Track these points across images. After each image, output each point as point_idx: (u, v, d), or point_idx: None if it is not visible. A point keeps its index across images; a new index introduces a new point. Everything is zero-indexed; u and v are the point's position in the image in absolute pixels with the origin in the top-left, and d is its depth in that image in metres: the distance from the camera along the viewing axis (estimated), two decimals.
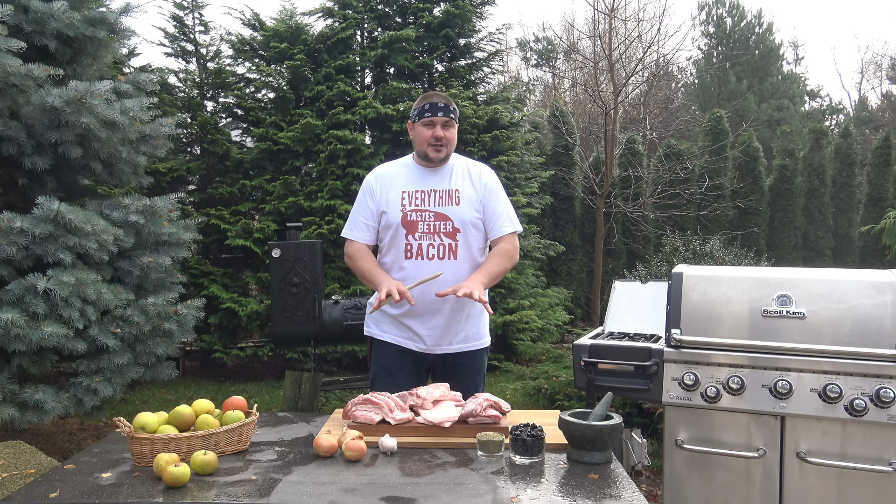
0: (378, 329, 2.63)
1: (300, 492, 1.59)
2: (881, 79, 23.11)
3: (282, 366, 6.84)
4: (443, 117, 2.50)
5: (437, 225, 2.51)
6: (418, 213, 2.52)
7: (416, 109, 2.55)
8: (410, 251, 2.51)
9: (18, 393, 3.60)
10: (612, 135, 9.46)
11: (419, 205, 2.53)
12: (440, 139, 2.50)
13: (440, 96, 2.56)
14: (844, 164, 11.96)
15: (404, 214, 2.52)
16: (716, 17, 20.54)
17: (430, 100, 2.54)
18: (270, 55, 7.33)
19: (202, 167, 7.20)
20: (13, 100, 3.69)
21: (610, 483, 1.66)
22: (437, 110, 2.50)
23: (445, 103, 2.53)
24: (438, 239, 2.51)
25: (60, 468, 1.77)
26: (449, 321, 2.53)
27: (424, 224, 2.51)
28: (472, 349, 2.61)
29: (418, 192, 2.54)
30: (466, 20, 7.52)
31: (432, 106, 2.51)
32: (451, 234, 2.52)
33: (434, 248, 2.50)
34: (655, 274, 5.91)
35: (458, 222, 2.52)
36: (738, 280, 2.56)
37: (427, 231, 2.51)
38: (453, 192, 2.55)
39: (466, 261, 2.54)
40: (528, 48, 20.58)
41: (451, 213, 2.52)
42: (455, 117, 2.55)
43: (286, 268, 3.99)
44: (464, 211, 2.53)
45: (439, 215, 2.52)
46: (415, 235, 2.51)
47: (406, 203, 2.53)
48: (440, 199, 2.54)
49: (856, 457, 2.33)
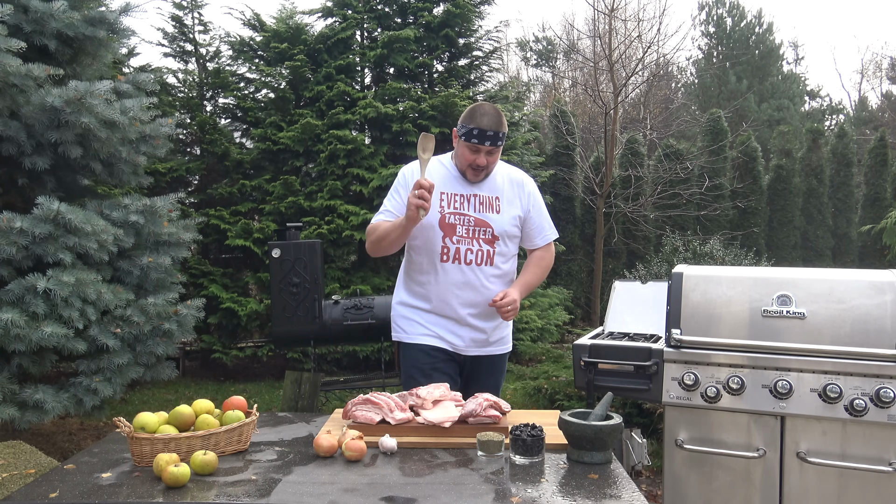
0: (406, 333, 2.56)
1: (300, 492, 1.59)
2: (881, 79, 23.13)
3: (282, 366, 6.84)
4: (490, 146, 2.39)
5: (476, 231, 2.47)
6: (457, 217, 2.46)
7: (464, 126, 2.40)
8: (447, 254, 2.46)
9: (18, 393, 3.60)
10: (612, 135, 9.46)
11: (458, 208, 2.47)
12: (481, 166, 2.43)
13: (491, 118, 2.37)
14: (842, 164, 11.97)
15: (443, 217, 2.46)
16: (716, 17, 20.55)
17: (480, 123, 2.36)
18: (270, 55, 7.33)
19: (202, 167, 7.20)
20: (13, 100, 3.69)
21: (610, 483, 1.66)
22: (485, 139, 2.37)
23: (495, 130, 2.37)
24: (477, 245, 2.47)
25: (60, 468, 1.76)
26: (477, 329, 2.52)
27: (463, 228, 2.46)
28: (500, 353, 2.62)
29: (458, 195, 2.48)
30: (466, 20, 7.52)
31: (481, 133, 2.36)
32: (490, 241, 2.48)
33: (472, 253, 2.46)
34: (655, 274, 5.92)
35: (498, 230, 2.48)
36: (738, 280, 2.56)
37: (466, 236, 2.46)
38: (493, 200, 2.50)
39: (500, 268, 2.52)
40: (527, 48, 20.58)
41: (492, 221, 2.48)
42: (503, 142, 2.44)
43: (286, 268, 3.99)
44: (504, 220, 2.49)
45: (480, 221, 2.47)
46: (452, 239, 2.45)
47: (445, 205, 2.46)
48: (481, 204, 2.49)
49: (856, 457, 2.33)
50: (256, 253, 6.70)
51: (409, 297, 2.58)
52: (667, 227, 10.02)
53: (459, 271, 2.46)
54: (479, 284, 2.48)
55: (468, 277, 2.47)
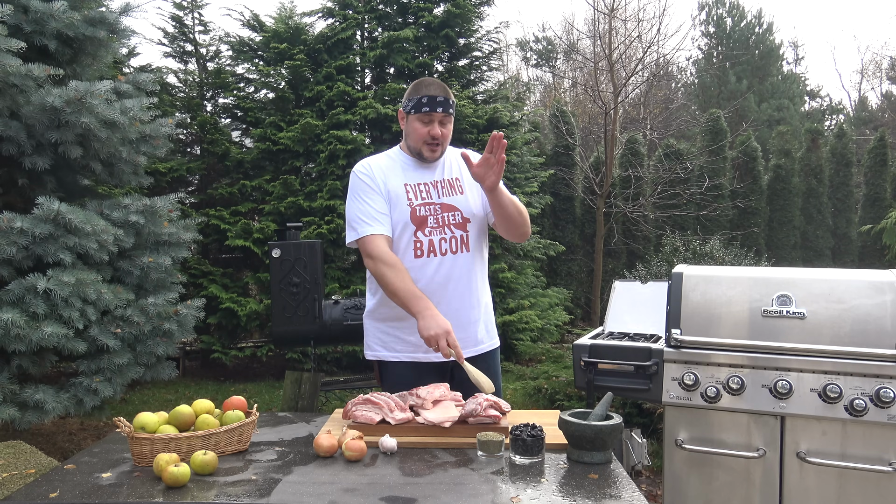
0: (385, 350, 2.37)
1: (300, 492, 1.59)
2: (881, 79, 23.13)
3: (281, 366, 6.84)
4: (442, 113, 2.25)
5: (445, 217, 2.29)
6: (427, 207, 2.29)
7: (411, 100, 2.26)
8: (421, 248, 2.27)
9: (19, 393, 3.60)
10: (612, 135, 9.46)
11: (426, 198, 2.30)
12: (437, 138, 2.26)
13: (438, 86, 2.26)
14: (841, 164, 11.98)
15: (413, 209, 2.27)
16: (716, 17, 20.56)
17: (427, 91, 2.24)
18: (270, 55, 7.33)
19: (202, 167, 7.20)
20: (13, 100, 3.69)
21: (610, 483, 1.66)
22: (436, 105, 2.23)
23: (445, 96, 2.25)
24: (449, 232, 2.28)
25: (60, 468, 1.76)
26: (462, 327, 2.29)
27: (433, 218, 2.28)
28: (482, 352, 2.39)
29: (422, 184, 2.31)
30: (466, 20, 7.53)
31: (431, 100, 2.23)
32: (461, 224, 2.31)
33: (446, 241, 2.28)
34: (655, 274, 5.92)
35: (467, 212, 2.32)
36: (738, 280, 2.56)
37: (437, 225, 2.28)
38: (454, 181, 2.35)
39: (476, 253, 2.34)
40: (528, 48, 20.59)
41: (458, 203, 2.32)
42: (454, 111, 2.31)
43: (286, 268, 3.99)
44: (469, 199, 2.34)
45: (447, 206, 2.30)
46: (424, 231, 2.27)
47: (413, 197, 2.29)
48: (443, 189, 2.32)
49: (856, 457, 2.33)
50: (256, 253, 6.70)
51: (381, 308, 2.36)
52: (667, 227, 10.03)
53: (434, 265, 2.27)
54: (457, 276, 2.29)
55: (445, 269, 2.28)
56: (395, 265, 2.18)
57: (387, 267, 2.18)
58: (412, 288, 2.14)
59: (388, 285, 2.17)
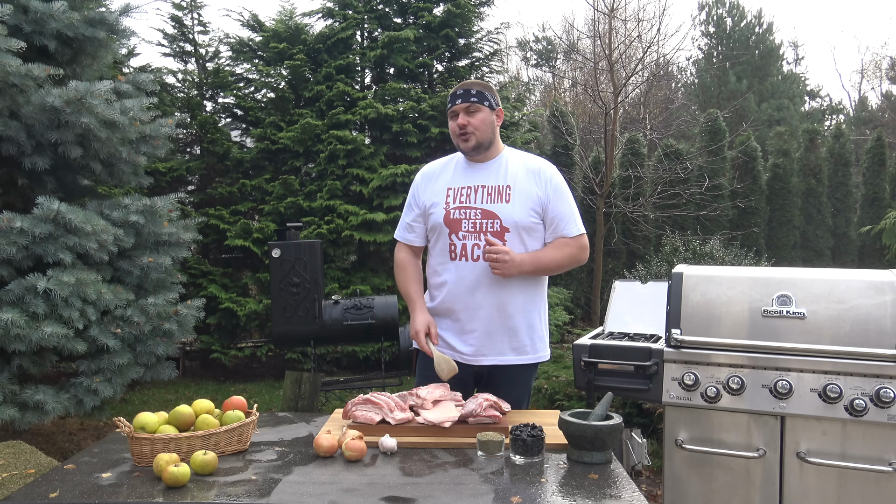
0: None
1: (300, 492, 1.59)
2: (881, 79, 23.14)
3: (281, 366, 6.84)
4: (462, 104, 2.30)
5: (483, 223, 2.29)
6: (462, 211, 2.32)
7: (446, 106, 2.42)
8: (455, 252, 2.32)
9: (19, 393, 3.60)
10: (612, 135, 9.45)
11: (464, 202, 2.32)
12: (464, 127, 2.29)
13: (463, 84, 2.35)
14: (839, 164, 11.98)
15: (447, 212, 2.33)
16: (716, 17, 20.56)
17: (452, 91, 2.36)
18: (270, 55, 7.33)
19: (202, 167, 7.20)
20: (13, 100, 3.69)
21: (610, 483, 1.66)
22: (455, 98, 2.32)
23: (465, 88, 2.32)
24: (485, 239, 2.27)
25: (60, 468, 1.76)
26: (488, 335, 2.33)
27: (469, 222, 2.30)
28: (519, 363, 2.37)
29: (464, 188, 2.34)
30: (467, 20, 7.52)
31: (452, 96, 2.34)
32: (499, 234, 2.28)
33: (479, 248, 2.28)
34: (655, 274, 5.92)
35: (508, 221, 2.28)
36: (738, 280, 2.56)
37: (472, 230, 2.29)
38: (503, 189, 2.31)
39: None
40: (528, 48, 20.59)
41: (500, 212, 2.29)
42: (480, 100, 2.31)
43: (286, 268, 3.99)
44: (515, 210, 2.29)
45: (487, 213, 2.29)
46: (458, 235, 2.30)
47: (450, 200, 2.34)
48: (488, 195, 2.31)
49: (856, 457, 2.33)
50: (256, 253, 6.71)
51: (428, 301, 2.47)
52: (667, 227, 10.03)
53: (470, 269, 2.30)
54: (488, 283, 2.29)
55: (478, 275, 2.29)
56: (405, 269, 2.49)
57: (398, 269, 2.52)
58: (409, 289, 2.45)
59: (399, 285, 2.50)
